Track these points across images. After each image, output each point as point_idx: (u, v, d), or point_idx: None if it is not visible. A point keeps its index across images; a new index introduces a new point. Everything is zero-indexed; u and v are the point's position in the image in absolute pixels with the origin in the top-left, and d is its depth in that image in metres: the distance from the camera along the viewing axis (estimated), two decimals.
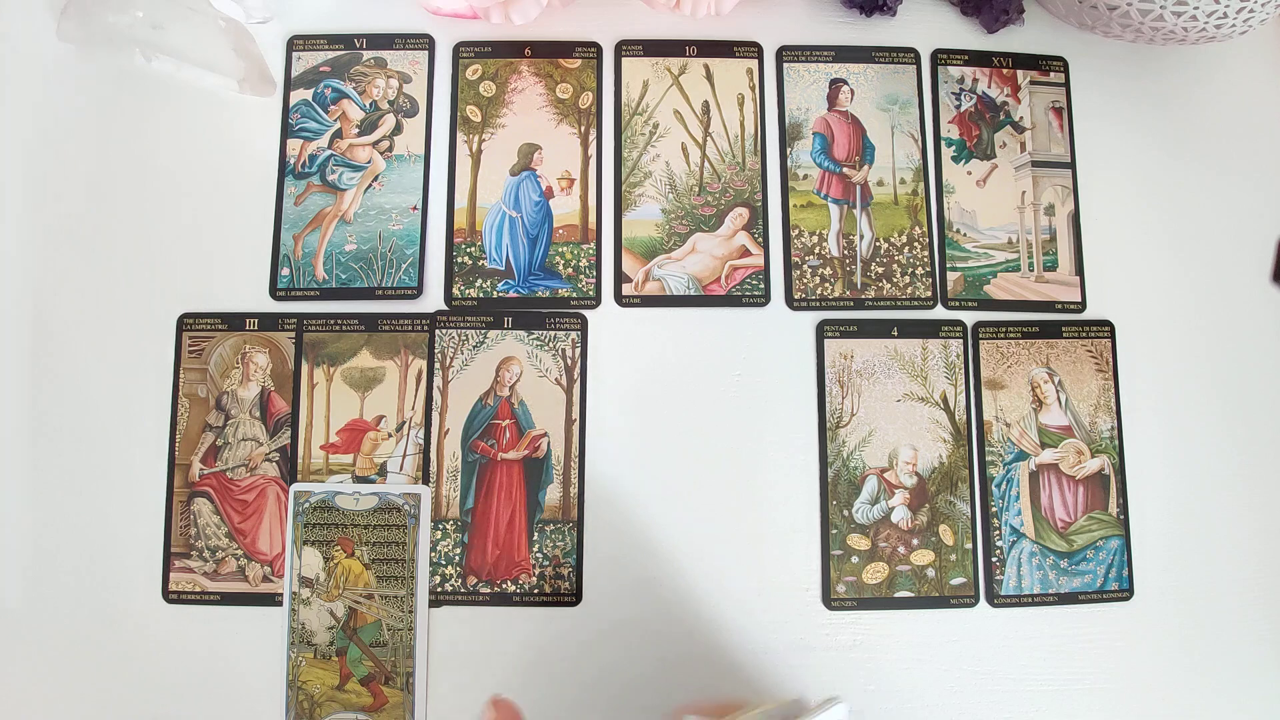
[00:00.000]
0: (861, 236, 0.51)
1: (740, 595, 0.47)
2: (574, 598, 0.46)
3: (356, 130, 0.50)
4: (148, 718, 0.45)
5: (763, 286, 0.50)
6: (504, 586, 0.46)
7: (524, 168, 0.50)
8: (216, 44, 0.48)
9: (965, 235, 0.51)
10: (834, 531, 0.48)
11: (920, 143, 0.52)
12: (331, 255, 0.49)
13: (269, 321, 0.48)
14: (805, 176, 0.51)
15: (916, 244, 0.51)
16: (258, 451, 0.47)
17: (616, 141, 0.51)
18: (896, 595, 0.47)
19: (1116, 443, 0.49)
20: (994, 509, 0.48)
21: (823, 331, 0.49)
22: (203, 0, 0.49)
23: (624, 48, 0.52)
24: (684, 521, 0.47)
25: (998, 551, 0.48)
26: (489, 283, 0.49)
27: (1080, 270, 0.51)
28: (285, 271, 0.49)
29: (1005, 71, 0.53)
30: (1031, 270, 0.51)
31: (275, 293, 0.49)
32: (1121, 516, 0.49)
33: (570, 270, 0.49)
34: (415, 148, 0.50)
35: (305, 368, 0.48)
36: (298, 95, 0.51)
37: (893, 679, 0.47)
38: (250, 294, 0.49)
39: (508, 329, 0.49)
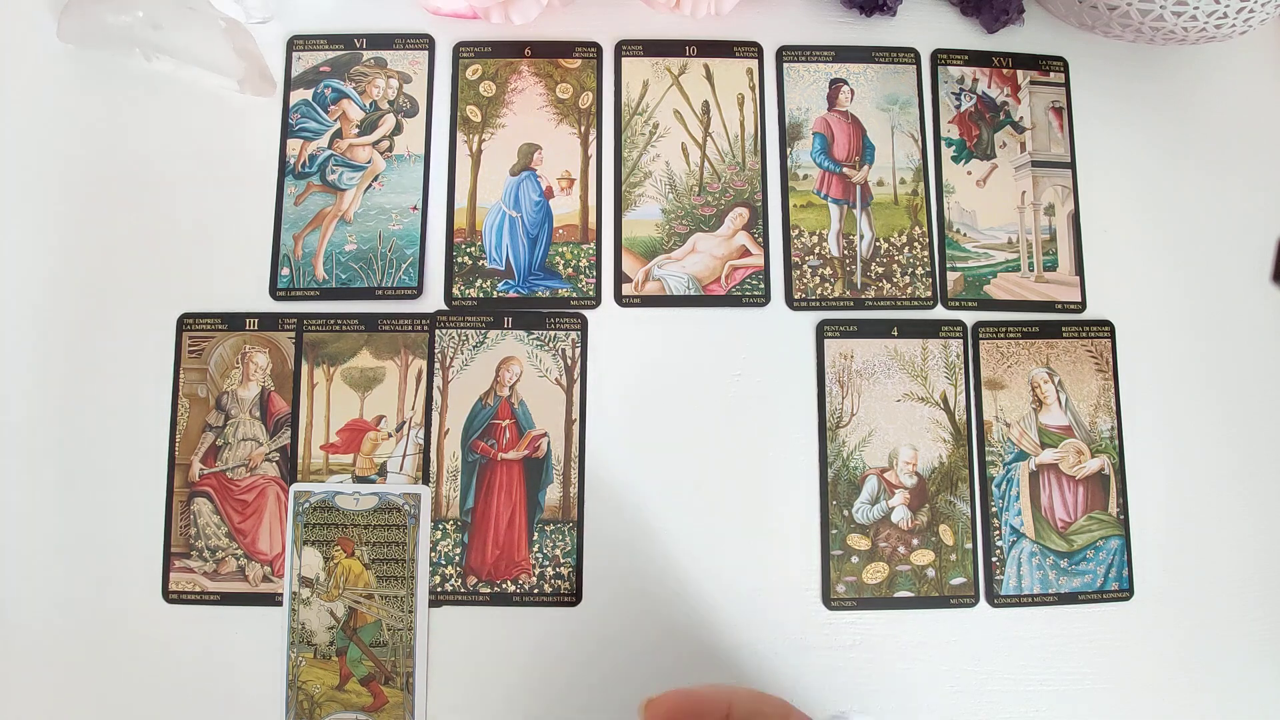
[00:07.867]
0: (861, 236, 0.51)
1: (740, 595, 0.47)
2: (574, 598, 0.46)
3: (356, 130, 0.50)
4: (148, 718, 0.45)
5: (763, 286, 0.50)
6: (504, 586, 0.46)
7: (524, 168, 0.50)
8: (216, 44, 0.48)
9: (965, 235, 0.51)
10: (834, 531, 0.48)
11: (920, 143, 0.52)
12: (331, 255, 0.49)
13: (269, 321, 0.48)
14: (805, 176, 0.51)
15: (916, 244, 0.51)
16: (258, 451, 0.47)
17: (616, 141, 0.51)
18: (896, 595, 0.47)
19: (1116, 443, 0.49)
20: (994, 509, 0.48)
21: (823, 331, 0.49)
22: (203, 0, 0.49)
23: (624, 48, 0.52)
24: (684, 521, 0.47)
25: (998, 551, 0.48)
26: (489, 283, 0.49)
27: (1080, 270, 0.51)
28: (285, 271, 0.49)
29: (1005, 71, 0.53)
30: (1031, 270, 0.51)
31: (275, 293, 0.49)
32: (1121, 516, 0.49)
33: (570, 270, 0.49)
34: (415, 148, 0.50)
35: (305, 368, 0.48)
36: (298, 95, 0.51)
37: (893, 679, 0.47)
38: (250, 294, 0.49)
39: (508, 329, 0.49)
